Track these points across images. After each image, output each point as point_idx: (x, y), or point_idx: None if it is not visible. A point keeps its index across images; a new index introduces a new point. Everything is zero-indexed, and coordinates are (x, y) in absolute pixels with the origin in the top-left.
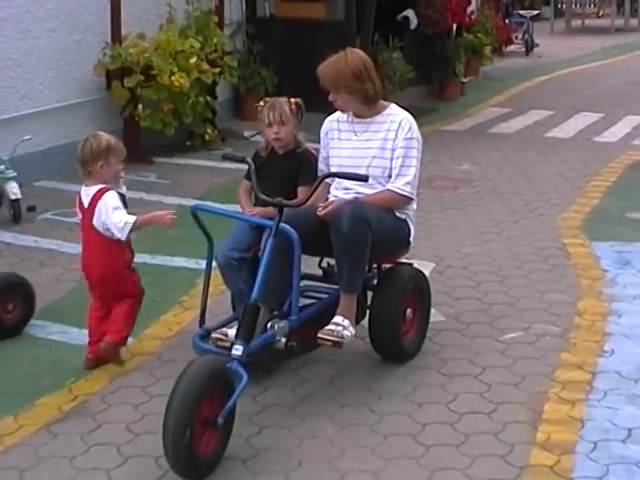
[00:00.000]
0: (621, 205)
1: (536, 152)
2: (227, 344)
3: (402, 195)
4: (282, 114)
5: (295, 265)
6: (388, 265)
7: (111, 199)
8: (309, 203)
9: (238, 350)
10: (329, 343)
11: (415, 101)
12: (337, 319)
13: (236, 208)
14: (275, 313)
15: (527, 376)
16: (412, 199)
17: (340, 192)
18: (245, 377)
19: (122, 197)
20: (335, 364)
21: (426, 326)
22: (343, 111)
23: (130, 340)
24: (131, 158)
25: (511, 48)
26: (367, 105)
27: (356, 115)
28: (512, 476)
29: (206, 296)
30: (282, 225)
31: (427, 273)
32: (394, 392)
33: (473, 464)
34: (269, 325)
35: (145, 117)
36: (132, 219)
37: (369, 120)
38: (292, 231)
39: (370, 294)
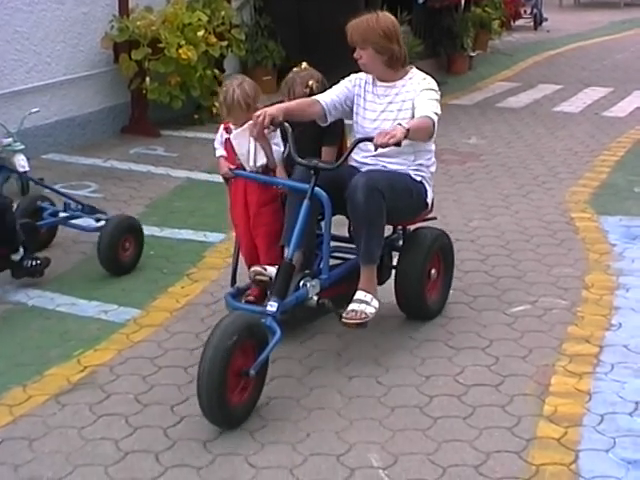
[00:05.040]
0: (629, 180)
1: (544, 126)
2: (265, 278)
3: (432, 120)
4: (290, 92)
5: (326, 226)
6: (413, 227)
7: None
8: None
9: (273, 306)
10: (354, 327)
11: None
12: (359, 295)
13: None
14: (307, 272)
15: (534, 349)
16: (433, 131)
17: (359, 156)
18: (279, 332)
19: None
20: (343, 336)
21: (449, 287)
22: (366, 70)
23: (138, 312)
24: (139, 131)
25: (519, 22)
26: (391, 68)
27: (379, 79)
28: (519, 448)
29: (237, 256)
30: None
31: None
32: (402, 364)
33: (480, 436)
34: (301, 283)
35: (153, 90)
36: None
37: (391, 84)
38: (324, 194)
39: (395, 256)
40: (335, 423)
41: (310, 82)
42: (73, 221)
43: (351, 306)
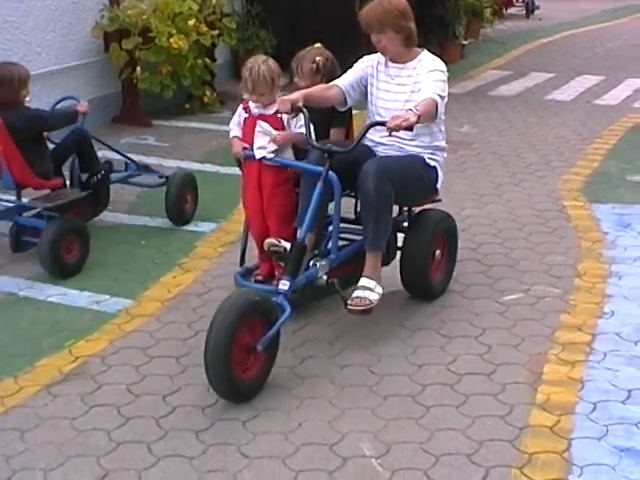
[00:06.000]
0: (621, 168)
1: (536, 115)
2: (280, 249)
3: (435, 102)
4: (299, 70)
5: (336, 208)
6: (418, 209)
7: None
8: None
9: (285, 285)
10: (359, 313)
11: None
12: (363, 282)
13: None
14: (316, 252)
15: (527, 337)
16: (436, 113)
17: (377, 136)
18: (288, 309)
19: None
20: (335, 326)
21: (453, 268)
22: (385, 53)
23: (129, 302)
24: (130, 121)
25: (511, 10)
26: (407, 47)
27: (392, 60)
28: (512, 437)
29: (246, 237)
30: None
31: None
32: (394, 353)
33: (473, 424)
34: (311, 263)
35: (143, 79)
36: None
37: (402, 65)
38: (334, 177)
39: (400, 238)
40: (327, 412)
41: (317, 58)
42: (134, 179)
43: (355, 293)
